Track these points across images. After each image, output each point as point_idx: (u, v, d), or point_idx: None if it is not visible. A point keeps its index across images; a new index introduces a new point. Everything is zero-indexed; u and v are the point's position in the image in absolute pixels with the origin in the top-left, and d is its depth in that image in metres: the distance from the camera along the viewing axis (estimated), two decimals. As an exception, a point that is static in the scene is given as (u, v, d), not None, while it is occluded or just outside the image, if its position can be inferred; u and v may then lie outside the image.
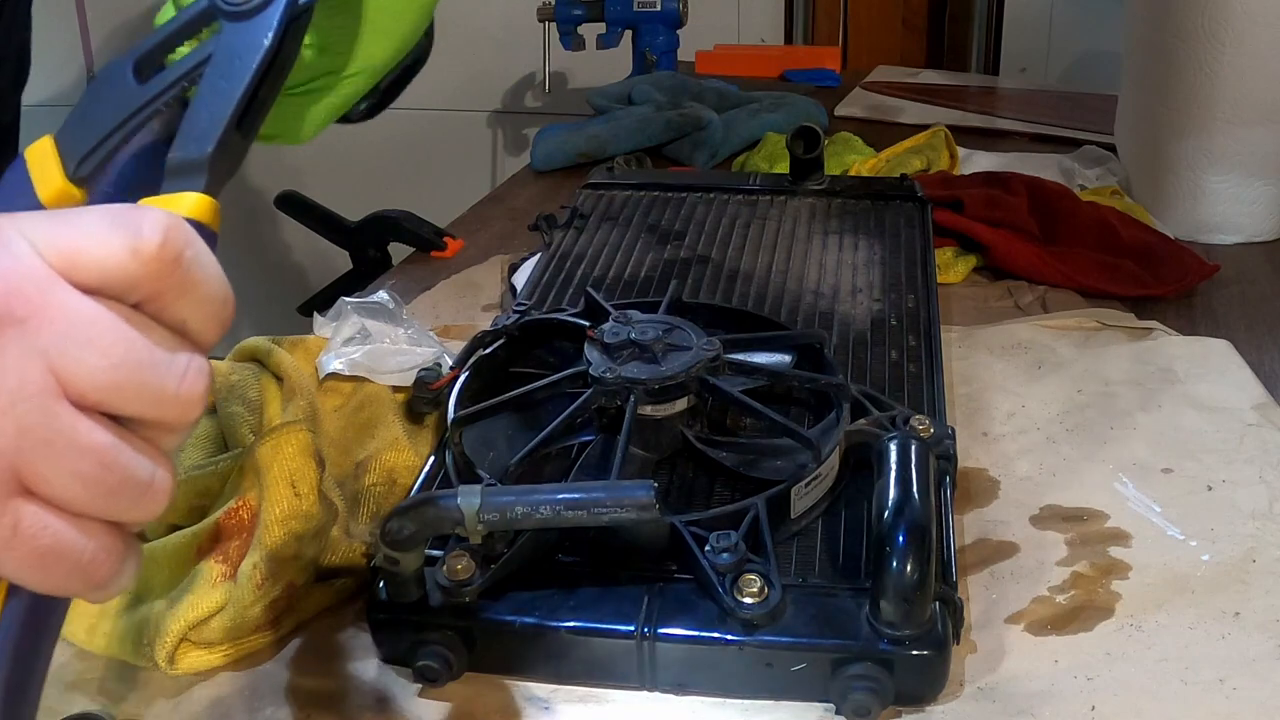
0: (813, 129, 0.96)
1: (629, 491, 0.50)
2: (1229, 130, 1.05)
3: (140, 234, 0.31)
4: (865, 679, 0.52)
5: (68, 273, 0.31)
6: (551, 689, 0.56)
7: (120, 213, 0.32)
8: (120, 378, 0.31)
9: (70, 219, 0.32)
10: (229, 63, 0.40)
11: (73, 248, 0.31)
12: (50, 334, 0.30)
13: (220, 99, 0.39)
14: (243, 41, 0.40)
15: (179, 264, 0.32)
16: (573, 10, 1.86)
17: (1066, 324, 0.88)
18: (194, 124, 0.39)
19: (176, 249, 0.32)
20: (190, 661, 0.56)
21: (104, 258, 0.31)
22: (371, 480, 0.66)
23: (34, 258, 0.30)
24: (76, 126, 0.41)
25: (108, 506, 0.31)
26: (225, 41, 0.40)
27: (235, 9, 0.41)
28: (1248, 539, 0.64)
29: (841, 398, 0.66)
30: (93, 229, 0.31)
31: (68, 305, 0.30)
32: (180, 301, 0.32)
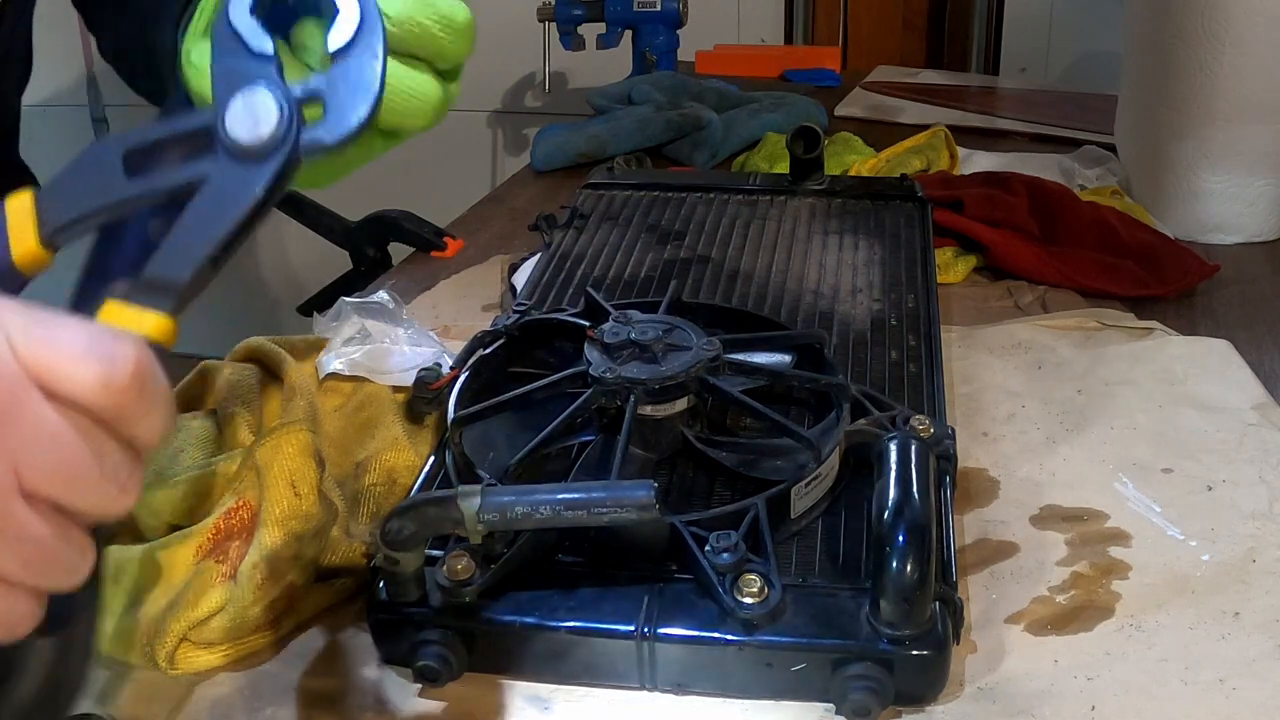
0: (813, 129, 0.96)
1: (629, 491, 0.50)
2: (1229, 130, 1.05)
3: (113, 367, 0.35)
4: (865, 679, 0.52)
5: (41, 382, 0.34)
6: (551, 689, 0.56)
7: (97, 339, 0.35)
8: (71, 485, 0.35)
9: (49, 327, 0.35)
10: (219, 200, 0.40)
11: (49, 362, 0.34)
12: (16, 438, 0.34)
13: (203, 234, 0.40)
14: (236, 183, 0.40)
15: (141, 396, 0.35)
16: (573, 10, 1.86)
17: (1066, 324, 0.88)
18: (174, 248, 0.40)
19: (141, 383, 0.35)
20: (190, 662, 0.56)
21: (77, 383, 0.34)
22: (371, 480, 0.66)
23: (12, 363, 0.34)
24: (59, 196, 0.41)
25: (36, 580, 0.36)
26: (219, 175, 0.40)
27: (236, 148, 0.40)
28: (1248, 539, 0.64)
29: (841, 398, 0.66)
30: (70, 349, 0.34)
31: (37, 416, 0.34)
32: (134, 423, 0.36)
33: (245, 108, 0.41)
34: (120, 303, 0.39)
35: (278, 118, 0.41)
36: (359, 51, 0.43)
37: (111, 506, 0.36)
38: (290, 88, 0.42)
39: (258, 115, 0.40)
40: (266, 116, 0.40)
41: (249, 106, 0.41)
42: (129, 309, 0.39)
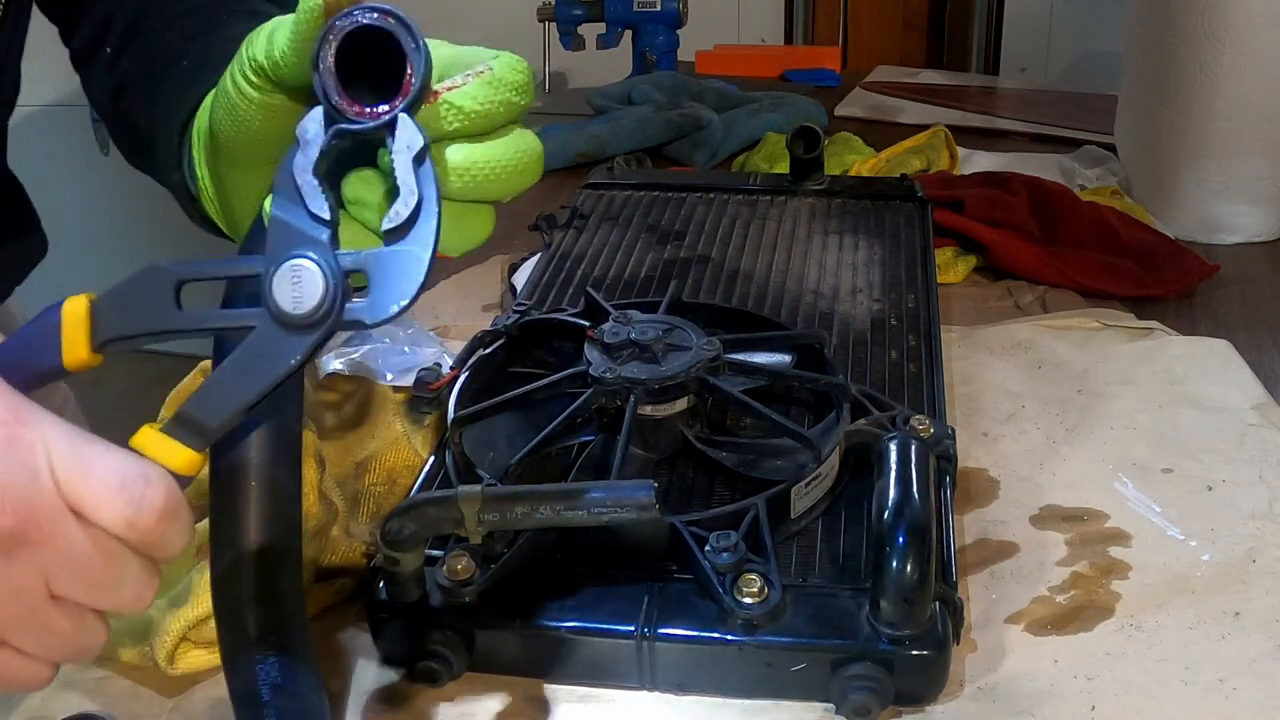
0: (813, 129, 0.96)
1: (629, 491, 0.50)
2: (1229, 130, 1.05)
3: (141, 509, 0.39)
4: (865, 679, 0.52)
5: (75, 509, 0.39)
6: (551, 689, 0.56)
7: (129, 478, 0.39)
8: (92, 594, 0.41)
9: (89, 458, 0.39)
10: (258, 358, 0.42)
11: (84, 494, 0.39)
12: (52, 559, 0.39)
13: (239, 389, 0.42)
14: (276, 345, 0.42)
15: (163, 530, 0.40)
16: (573, 10, 1.86)
17: (1066, 324, 0.88)
18: (212, 393, 0.42)
19: (165, 520, 0.40)
20: (190, 661, 0.56)
21: (107, 517, 0.39)
22: (371, 480, 0.66)
23: (53, 491, 0.39)
24: (114, 310, 0.43)
25: (54, 657, 0.42)
26: (262, 331, 0.42)
27: (280, 314, 0.42)
28: (1248, 539, 0.64)
29: (841, 398, 0.66)
30: (104, 485, 0.39)
31: (71, 540, 0.39)
32: (154, 549, 0.41)
33: (293, 279, 0.42)
34: (155, 431, 0.42)
35: (322, 295, 0.42)
36: (411, 240, 0.43)
37: (127, 609, 0.42)
38: (339, 258, 0.42)
39: (304, 289, 0.42)
40: (312, 292, 0.42)
41: (297, 278, 0.42)
42: (162, 440, 0.42)
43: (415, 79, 0.42)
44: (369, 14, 0.42)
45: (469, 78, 0.46)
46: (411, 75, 0.42)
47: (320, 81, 0.43)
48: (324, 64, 0.43)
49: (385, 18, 0.42)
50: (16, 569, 0.39)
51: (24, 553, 0.39)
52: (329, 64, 0.43)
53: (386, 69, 0.43)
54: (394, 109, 0.43)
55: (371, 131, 0.43)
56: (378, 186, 0.45)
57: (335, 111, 0.43)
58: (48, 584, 0.40)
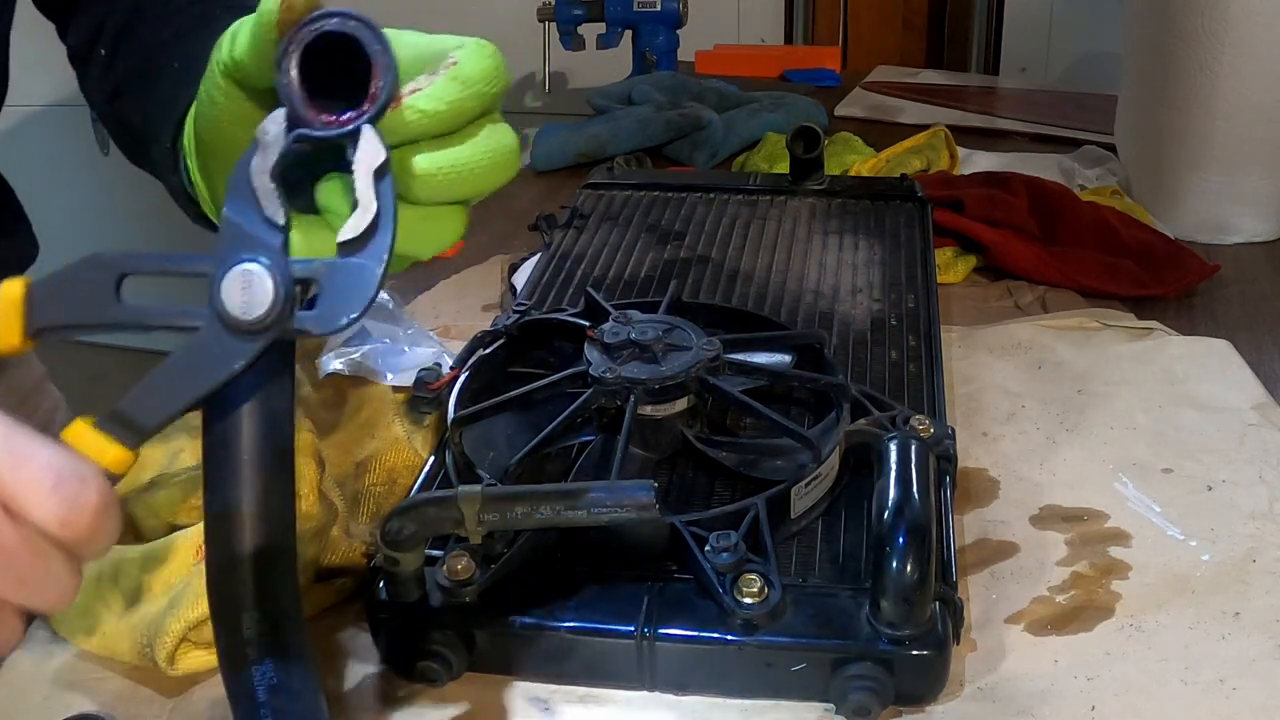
0: (813, 129, 0.96)
1: (629, 491, 0.50)
2: (1229, 130, 1.05)
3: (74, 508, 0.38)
4: (865, 679, 0.52)
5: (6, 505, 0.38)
6: (551, 689, 0.56)
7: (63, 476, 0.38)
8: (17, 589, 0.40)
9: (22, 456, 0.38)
10: (200, 361, 0.41)
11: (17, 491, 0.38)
12: None
13: (178, 391, 0.41)
14: (219, 349, 0.41)
15: (94, 529, 0.39)
16: (573, 10, 1.86)
17: (1066, 324, 0.88)
18: (149, 392, 0.41)
19: (99, 522, 0.39)
20: (190, 662, 0.56)
21: (39, 515, 0.38)
22: (371, 480, 0.66)
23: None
24: (50, 298, 0.42)
25: None
26: (206, 335, 0.41)
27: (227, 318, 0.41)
28: (1248, 539, 0.64)
29: (841, 398, 0.66)
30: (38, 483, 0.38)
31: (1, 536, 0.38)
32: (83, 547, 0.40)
33: (243, 284, 0.41)
34: (90, 426, 0.41)
35: (271, 302, 0.41)
36: (365, 254, 0.42)
37: (49, 607, 0.41)
38: (291, 265, 0.41)
39: (253, 295, 0.41)
40: (261, 298, 0.41)
41: (246, 283, 0.41)
42: (97, 435, 0.41)
43: (382, 90, 0.42)
44: (333, 20, 0.42)
45: (434, 77, 0.45)
46: (378, 85, 0.42)
47: (282, 88, 0.42)
48: (286, 73, 0.42)
49: (350, 23, 0.42)
50: None
51: None
52: (291, 73, 0.42)
53: (353, 73, 0.43)
54: (359, 117, 0.42)
55: (332, 140, 0.43)
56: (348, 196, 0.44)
57: (298, 118, 0.42)
58: None
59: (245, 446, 0.44)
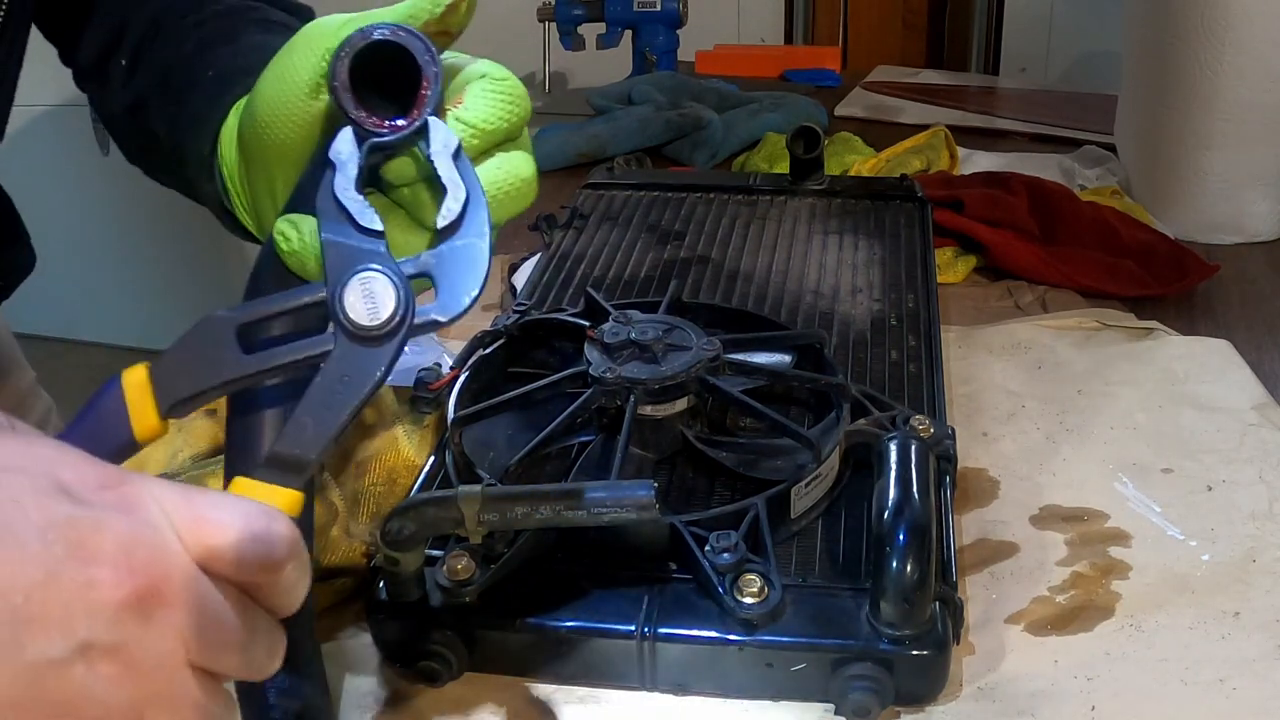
0: (813, 129, 0.96)
1: (629, 491, 0.50)
2: (1229, 130, 1.05)
3: (272, 549, 0.37)
4: (865, 679, 0.52)
5: (204, 563, 0.36)
6: (551, 689, 0.56)
7: (252, 519, 0.37)
8: (229, 659, 0.37)
9: (206, 509, 0.36)
10: (341, 381, 0.42)
11: (212, 545, 0.36)
12: (188, 620, 0.35)
13: (329, 414, 0.42)
14: (357, 364, 0.42)
15: (294, 573, 0.38)
16: (573, 10, 1.86)
17: (1066, 324, 0.88)
18: (302, 427, 0.41)
19: (295, 561, 0.38)
20: (190, 661, 0.56)
21: (240, 564, 0.36)
22: (371, 480, 0.66)
23: (179, 551, 0.36)
24: (175, 372, 0.42)
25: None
26: (339, 355, 0.42)
27: (355, 330, 0.42)
28: (1248, 539, 0.64)
29: (841, 398, 0.66)
30: (230, 531, 0.36)
31: (205, 598, 0.36)
32: (283, 594, 0.39)
33: (363, 292, 0.42)
34: (251, 480, 0.41)
35: (394, 303, 0.42)
36: (466, 231, 0.44)
37: (258, 673, 0.39)
38: (402, 265, 0.43)
39: (376, 300, 0.42)
40: (385, 302, 0.42)
41: (367, 291, 0.42)
42: (261, 486, 0.41)
43: (430, 94, 0.44)
44: (383, 30, 0.44)
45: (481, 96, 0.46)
46: (427, 89, 0.44)
47: (337, 98, 0.44)
48: (338, 80, 0.44)
49: (400, 34, 0.43)
50: (154, 635, 0.35)
51: (160, 616, 0.35)
52: (343, 79, 0.44)
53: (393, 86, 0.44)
54: (419, 115, 0.44)
55: (402, 141, 0.44)
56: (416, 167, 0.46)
57: (360, 127, 0.44)
58: (185, 649, 0.36)
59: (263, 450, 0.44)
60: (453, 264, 0.43)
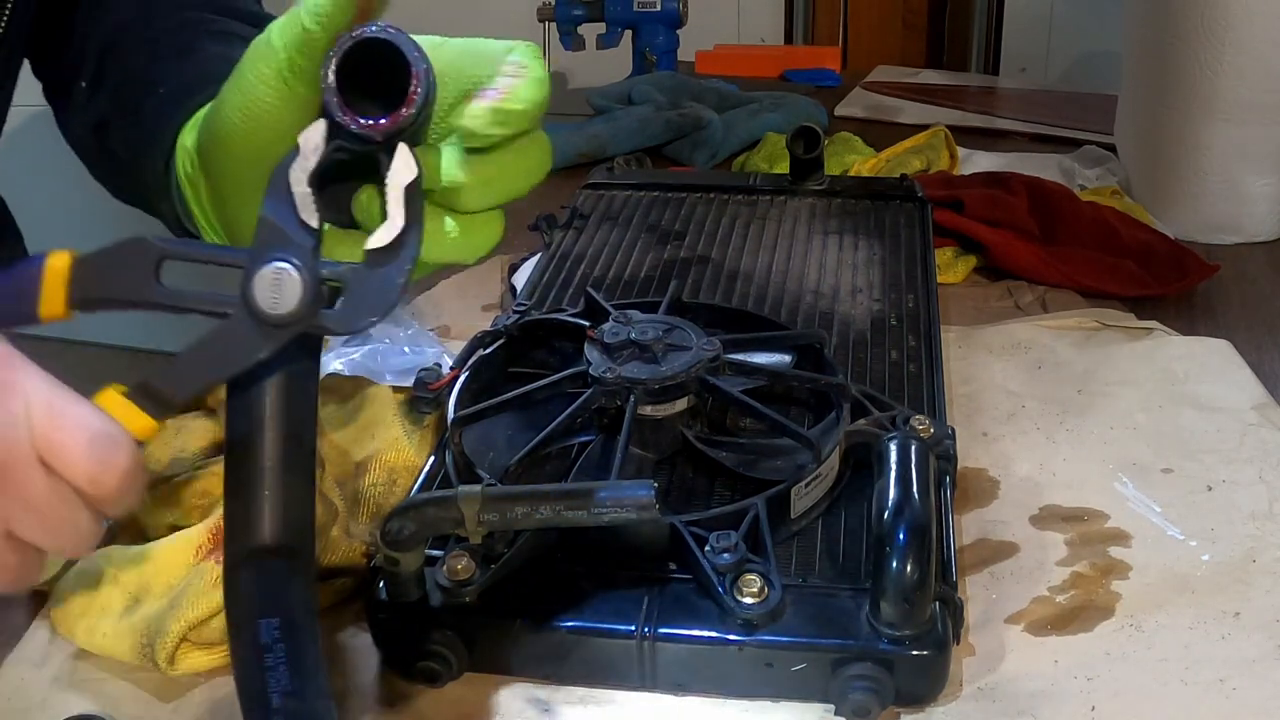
0: (813, 129, 0.96)
1: (629, 491, 0.50)
2: (1229, 130, 1.05)
3: (106, 468, 0.42)
4: (865, 679, 0.52)
5: (44, 458, 0.42)
6: (551, 689, 0.56)
7: (99, 438, 0.42)
8: (44, 535, 0.44)
9: (64, 414, 0.42)
10: (229, 346, 0.44)
11: (55, 446, 0.42)
12: (15, 502, 0.42)
13: (205, 370, 0.44)
14: (247, 338, 0.44)
15: (120, 490, 0.43)
16: (573, 10, 1.86)
17: (1066, 324, 0.88)
18: (180, 369, 0.44)
19: (126, 484, 0.43)
20: (190, 662, 0.56)
21: (74, 471, 0.42)
22: (371, 480, 0.66)
23: (25, 438, 0.41)
24: (94, 273, 0.45)
25: None
26: (236, 322, 0.44)
27: (255, 311, 0.44)
28: (1248, 539, 0.64)
29: (841, 398, 0.66)
30: (75, 441, 0.42)
31: (33, 484, 0.42)
32: (108, 505, 0.44)
33: (273, 280, 0.44)
34: (120, 395, 0.44)
35: (299, 301, 0.44)
36: (390, 264, 0.45)
37: (69, 554, 0.46)
38: (320, 268, 0.44)
39: (283, 292, 0.44)
40: (290, 296, 0.44)
41: (277, 281, 0.44)
42: (126, 404, 0.44)
43: (419, 94, 0.44)
44: (373, 28, 0.44)
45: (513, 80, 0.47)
46: (415, 89, 0.44)
47: (325, 102, 0.44)
48: (327, 79, 0.44)
49: (390, 31, 0.44)
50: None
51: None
52: (330, 80, 0.44)
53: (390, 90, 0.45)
54: (398, 120, 0.44)
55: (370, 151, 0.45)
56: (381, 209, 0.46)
57: (337, 126, 0.44)
58: (5, 521, 0.42)
59: (267, 447, 0.46)
60: (366, 285, 0.45)
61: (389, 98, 0.45)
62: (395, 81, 0.44)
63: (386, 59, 0.44)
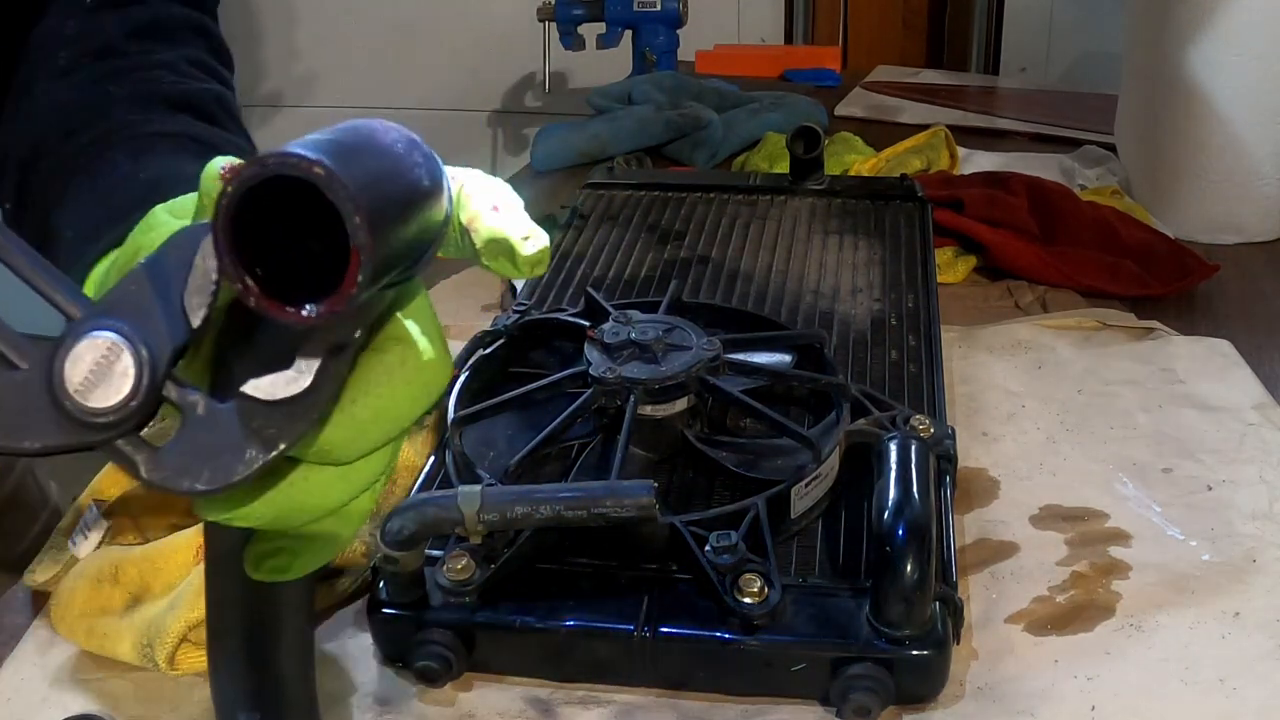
0: (813, 129, 0.96)
1: (629, 491, 0.50)
2: (1229, 130, 1.05)
3: None
4: (865, 679, 0.52)
5: None
6: (551, 689, 0.56)
7: None
8: None
9: None
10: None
11: None
12: None
13: None
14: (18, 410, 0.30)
15: None
16: (573, 10, 1.86)
17: (1066, 324, 0.88)
18: None
19: None
20: (190, 662, 0.56)
21: None
22: (371, 480, 0.66)
23: None
24: None
25: None
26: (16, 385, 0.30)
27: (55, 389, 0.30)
28: (1248, 539, 0.64)
29: (841, 398, 0.66)
30: None
31: None
32: None
33: (101, 355, 0.30)
34: None
35: (118, 399, 0.30)
36: (262, 426, 0.31)
37: None
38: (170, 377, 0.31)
39: (105, 377, 0.30)
40: (111, 388, 0.30)
41: (107, 361, 0.30)
42: None
43: (358, 289, 0.29)
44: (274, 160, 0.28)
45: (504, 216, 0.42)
46: (353, 283, 0.29)
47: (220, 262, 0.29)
48: (218, 237, 0.29)
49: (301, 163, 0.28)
50: None
51: None
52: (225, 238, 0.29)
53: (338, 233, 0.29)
54: (334, 309, 0.29)
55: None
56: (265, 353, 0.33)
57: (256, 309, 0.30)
58: None
59: None
60: (214, 433, 0.31)
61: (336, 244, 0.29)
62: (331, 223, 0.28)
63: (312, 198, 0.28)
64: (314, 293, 0.29)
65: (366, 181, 0.29)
